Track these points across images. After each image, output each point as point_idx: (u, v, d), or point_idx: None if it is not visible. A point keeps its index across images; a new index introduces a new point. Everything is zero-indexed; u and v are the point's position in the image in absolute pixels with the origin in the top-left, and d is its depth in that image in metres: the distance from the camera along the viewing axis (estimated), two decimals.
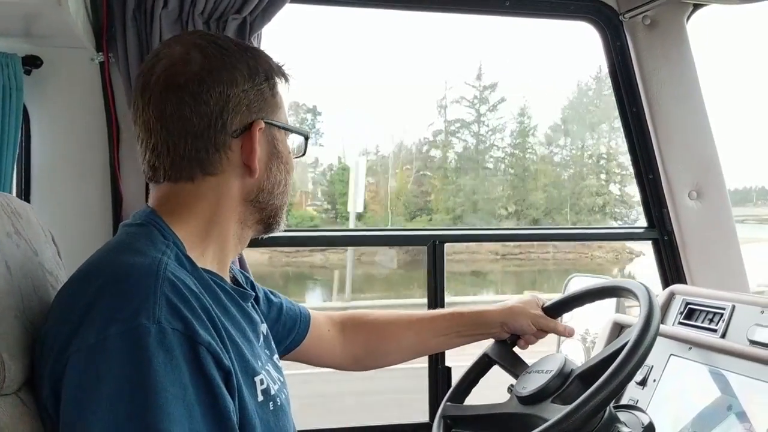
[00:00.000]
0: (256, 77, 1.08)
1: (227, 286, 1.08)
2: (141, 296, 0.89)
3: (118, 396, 0.84)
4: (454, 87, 16.08)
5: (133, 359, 0.85)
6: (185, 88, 1.03)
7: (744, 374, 1.41)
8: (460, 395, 1.48)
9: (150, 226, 1.04)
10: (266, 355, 1.15)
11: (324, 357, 1.53)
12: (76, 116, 1.94)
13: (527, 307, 1.50)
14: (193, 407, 0.87)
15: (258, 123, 1.07)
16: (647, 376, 1.60)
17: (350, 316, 1.57)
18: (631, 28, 2.23)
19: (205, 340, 0.90)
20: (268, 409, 1.04)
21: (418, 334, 1.54)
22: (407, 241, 2.52)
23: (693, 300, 1.68)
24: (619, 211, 14.52)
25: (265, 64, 1.10)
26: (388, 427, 2.20)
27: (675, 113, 2.24)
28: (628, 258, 12.80)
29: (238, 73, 1.06)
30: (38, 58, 1.88)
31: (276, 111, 1.11)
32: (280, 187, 1.14)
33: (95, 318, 0.88)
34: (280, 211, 1.16)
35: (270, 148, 1.11)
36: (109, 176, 1.93)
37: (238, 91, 1.05)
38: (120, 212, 1.92)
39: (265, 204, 1.12)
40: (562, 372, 1.24)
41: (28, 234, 1.10)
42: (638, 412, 1.30)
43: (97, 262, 0.99)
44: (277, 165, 1.12)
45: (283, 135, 1.14)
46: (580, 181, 13.40)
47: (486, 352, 1.51)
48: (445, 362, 2.17)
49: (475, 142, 16.12)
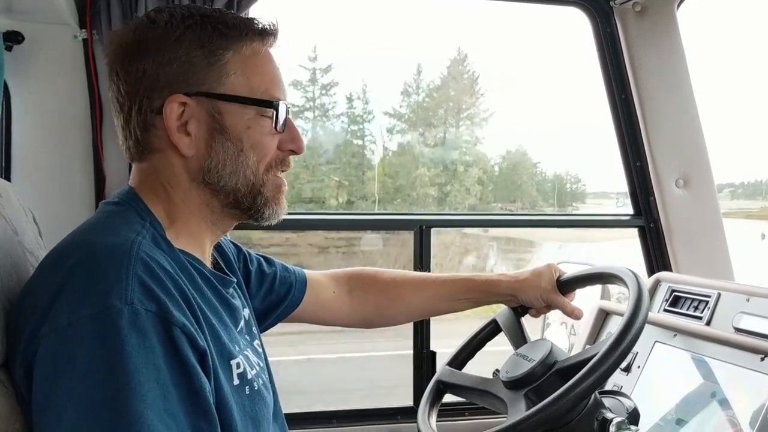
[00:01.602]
0: (180, 47, 1.00)
1: (206, 271, 1.06)
2: (113, 277, 0.86)
3: (91, 379, 0.82)
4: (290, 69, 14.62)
5: (106, 341, 0.83)
6: (119, 65, 1.02)
7: (728, 361, 1.42)
8: (461, 361, 1.51)
9: (128, 206, 1.02)
10: (246, 340, 1.13)
11: (330, 317, 1.52)
12: (59, 94, 1.91)
13: (540, 281, 1.48)
14: (168, 388, 0.85)
15: (174, 97, 1.00)
16: (632, 363, 1.61)
17: (359, 275, 1.54)
18: (622, 15, 2.22)
19: (179, 321, 0.88)
20: (244, 393, 1.02)
21: (429, 298, 1.54)
22: (394, 226, 2.51)
23: (679, 287, 1.69)
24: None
25: (209, 30, 1.02)
26: (373, 410, 2.21)
27: (664, 101, 2.24)
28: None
29: (163, 46, 1.00)
30: (20, 33, 1.84)
31: (221, 80, 1.02)
32: (228, 167, 1.03)
33: (66, 300, 0.86)
34: (243, 194, 1.06)
35: (211, 123, 1.02)
36: (91, 155, 1.90)
37: (157, 65, 1.00)
38: (102, 192, 1.89)
39: (216, 186, 1.04)
40: (545, 362, 1.25)
41: (8, 213, 1.08)
42: (623, 397, 1.30)
43: (71, 242, 0.97)
44: (221, 142, 1.03)
45: (239, 107, 1.03)
46: (414, 171, 13.05)
47: (495, 318, 1.52)
48: (430, 347, 2.18)
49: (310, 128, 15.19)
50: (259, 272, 1.38)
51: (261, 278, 1.38)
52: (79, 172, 1.91)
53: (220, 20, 1.03)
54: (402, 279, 1.55)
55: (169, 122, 1.00)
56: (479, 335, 1.53)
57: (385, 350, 6.73)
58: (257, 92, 1.04)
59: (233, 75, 1.03)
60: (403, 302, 1.54)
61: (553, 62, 14.57)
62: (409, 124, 13.25)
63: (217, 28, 1.02)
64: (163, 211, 1.04)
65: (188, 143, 1.02)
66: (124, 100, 1.02)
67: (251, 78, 1.04)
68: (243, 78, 1.03)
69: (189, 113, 1.01)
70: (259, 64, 1.05)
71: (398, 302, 1.54)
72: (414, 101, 13.17)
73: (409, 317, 1.60)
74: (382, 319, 1.57)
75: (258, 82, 1.04)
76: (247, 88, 1.04)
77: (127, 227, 0.96)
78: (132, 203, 1.02)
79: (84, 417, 0.81)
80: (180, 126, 1.01)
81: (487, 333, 1.53)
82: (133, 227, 0.96)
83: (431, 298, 1.54)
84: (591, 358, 1.16)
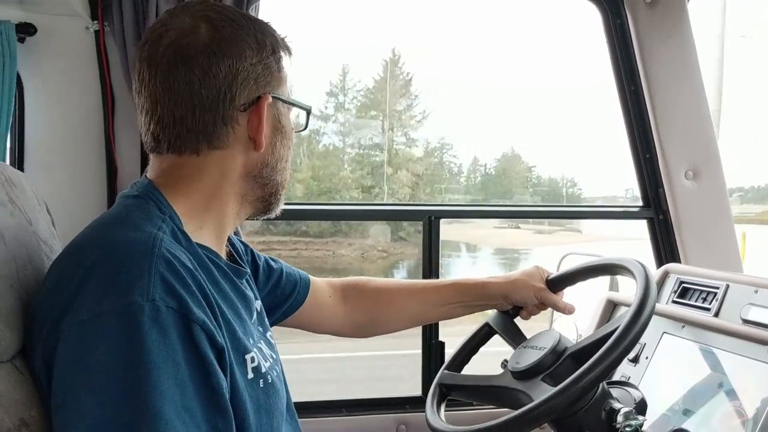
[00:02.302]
0: (263, 51, 1.06)
1: (222, 263, 1.08)
2: (135, 273, 0.87)
3: (111, 373, 0.83)
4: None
5: (126, 337, 0.84)
6: (195, 60, 1.02)
7: (736, 353, 1.42)
8: (458, 364, 1.51)
9: (147, 199, 1.02)
10: (259, 332, 1.15)
11: (325, 323, 1.54)
12: (71, 85, 1.93)
13: (530, 280, 1.51)
14: (186, 385, 0.86)
15: (266, 97, 1.06)
16: (640, 354, 1.62)
17: (352, 283, 1.57)
18: (632, 7, 2.21)
19: (199, 318, 0.89)
20: (258, 386, 1.03)
21: (420, 304, 1.56)
22: (403, 216, 2.52)
23: (687, 279, 1.69)
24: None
25: (272, 38, 1.09)
26: (382, 399, 2.22)
27: (674, 93, 2.23)
28: (379, 257, 12.19)
29: (247, 47, 1.04)
30: (32, 25, 1.85)
31: (281, 85, 1.10)
32: (283, 162, 1.14)
33: (88, 294, 0.87)
34: (280, 188, 1.15)
35: (274, 123, 1.11)
36: (103, 146, 1.92)
37: (247, 64, 1.04)
38: (114, 182, 1.91)
39: (267, 179, 1.12)
40: (556, 350, 1.26)
41: (22, 203, 1.09)
42: (630, 388, 1.31)
43: (92, 235, 0.98)
44: (281, 140, 1.12)
45: (287, 109, 1.13)
46: (338, 172, 12.77)
47: (487, 322, 1.53)
48: (439, 337, 2.19)
49: None
50: (267, 267, 1.40)
51: (269, 273, 1.40)
52: (92, 163, 1.93)
53: (269, 29, 1.11)
54: (394, 286, 1.58)
55: (261, 118, 1.06)
56: (473, 340, 1.53)
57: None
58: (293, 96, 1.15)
59: (284, 78, 1.11)
60: (396, 308, 1.56)
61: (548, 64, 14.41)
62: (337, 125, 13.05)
63: (274, 36, 1.10)
64: (190, 203, 1.05)
65: (262, 140, 1.08)
66: (203, 94, 1.02)
67: (286, 84, 1.13)
68: (286, 83, 1.12)
69: (266, 112, 1.07)
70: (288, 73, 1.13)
71: (390, 308, 1.56)
72: (341, 101, 12.97)
73: (402, 324, 1.59)
74: (376, 325, 1.58)
75: (289, 89, 1.14)
76: (288, 93, 1.13)
77: (147, 221, 0.97)
78: (151, 196, 1.03)
79: (103, 410, 0.82)
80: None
81: (481, 337, 1.53)
82: (153, 221, 0.97)
83: (423, 303, 1.56)
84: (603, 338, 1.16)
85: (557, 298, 1.52)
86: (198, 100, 1.02)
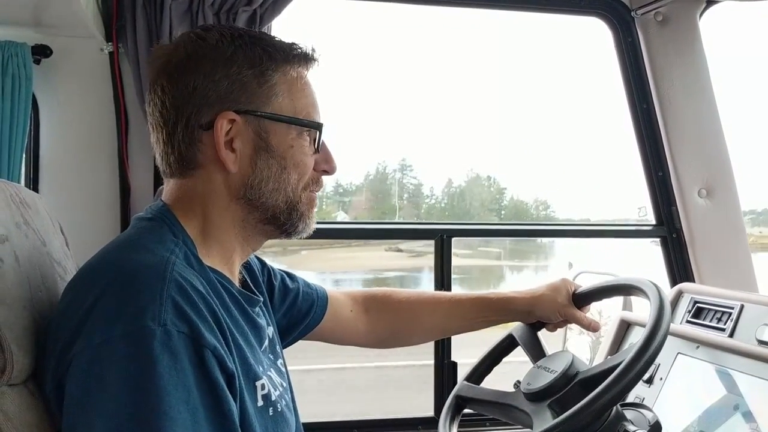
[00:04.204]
0: (233, 66, 1.02)
1: (234, 290, 1.07)
2: (147, 297, 0.87)
3: (122, 398, 0.82)
4: None
5: (138, 361, 0.83)
6: (165, 79, 1.03)
7: (751, 374, 1.41)
8: (479, 375, 1.50)
9: (161, 222, 1.03)
10: (269, 360, 1.14)
11: (346, 336, 1.52)
12: (85, 106, 1.95)
13: (556, 296, 1.47)
14: (197, 410, 0.85)
15: (225, 114, 1.02)
16: (654, 374, 1.60)
17: (374, 295, 1.55)
18: (643, 25, 2.22)
19: (210, 344, 0.89)
20: (268, 414, 1.03)
21: (443, 318, 1.54)
22: (416, 235, 2.51)
23: (701, 299, 1.68)
24: None
25: (258, 51, 1.04)
26: (394, 420, 2.21)
27: (686, 111, 2.22)
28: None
29: (214, 63, 1.02)
30: (48, 47, 1.88)
31: (265, 99, 1.04)
32: (271, 184, 1.06)
33: (100, 317, 0.86)
34: (281, 210, 1.08)
35: (256, 141, 1.04)
36: (117, 167, 1.93)
37: (207, 81, 1.02)
38: (128, 203, 1.92)
39: (256, 202, 1.06)
40: (567, 374, 1.25)
41: (36, 224, 1.10)
42: (645, 410, 1.30)
43: (106, 257, 0.98)
44: (265, 159, 1.05)
45: (285, 127, 1.06)
46: None
47: (511, 333, 1.52)
48: (451, 357, 2.18)
49: None
50: (282, 287, 1.38)
51: (284, 293, 1.38)
52: (106, 184, 1.95)
53: (268, 42, 1.06)
54: (417, 299, 1.55)
55: (218, 138, 1.02)
56: (496, 350, 1.53)
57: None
58: (301, 114, 1.07)
59: (281, 96, 1.05)
60: (419, 322, 1.54)
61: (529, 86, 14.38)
62: None
63: (267, 50, 1.05)
64: (197, 228, 1.05)
65: (233, 159, 1.04)
66: (170, 115, 1.03)
67: (296, 100, 1.07)
68: (288, 100, 1.06)
69: (236, 130, 1.03)
70: (302, 88, 1.08)
71: (414, 322, 1.54)
72: None
73: (424, 337, 1.59)
74: (398, 339, 1.57)
75: (302, 105, 1.07)
76: (292, 110, 1.06)
77: (161, 245, 0.97)
78: (166, 219, 1.03)
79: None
80: (227, 142, 1.03)
81: (503, 347, 1.53)
82: (166, 245, 0.97)
83: (447, 317, 1.54)
84: (613, 368, 1.15)
85: (581, 315, 1.48)
86: (164, 121, 1.04)
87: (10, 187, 1.09)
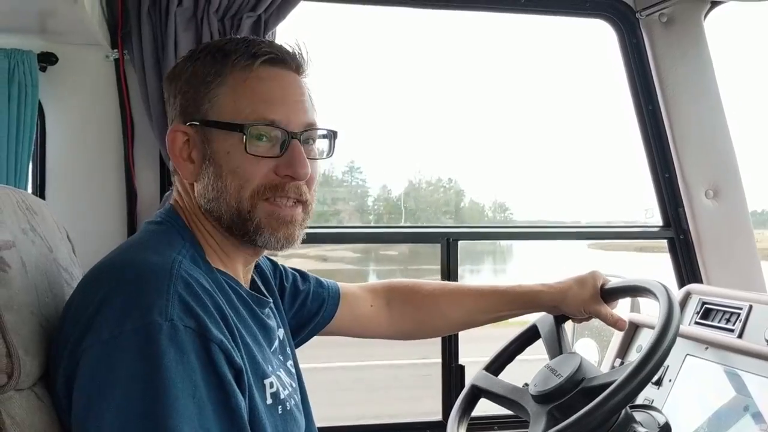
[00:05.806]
0: (189, 80, 1.06)
1: (242, 291, 1.09)
2: (154, 294, 0.89)
3: (130, 392, 0.84)
4: None
5: (145, 356, 0.85)
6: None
7: (761, 374, 1.40)
8: (498, 366, 1.50)
9: (169, 225, 1.06)
10: (279, 360, 1.15)
11: (368, 331, 1.51)
12: (91, 113, 1.95)
13: (583, 291, 1.44)
14: (204, 404, 0.87)
15: (174, 127, 1.07)
16: (663, 376, 1.60)
17: (396, 288, 1.53)
18: (648, 26, 2.21)
19: (217, 338, 0.90)
20: (277, 412, 1.04)
21: (468, 311, 1.53)
22: (421, 239, 2.51)
23: (710, 300, 1.67)
24: None
25: (209, 59, 1.05)
26: (402, 425, 2.21)
27: (692, 112, 2.22)
28: None
29: (175, 84, 1.08)
30: (53, 54, 1.89)
31: (211, 107, 1.03)
32: (211, 192, 1.03)
33: (109, 314, 0.88)
34: (233, 221, 1.04)
35: (204, 150, 1.04)
36: (123, 173, 1.94)
37: (173, 98, 1.08)
38: (135, 209, 1.93)
39: (212, 212, 1.05)
40: (572, 379, 1.25)
41: (43, 231, 1.10)
42: (654, 411, 1.29)
43: (115, 258, 1.00)
44: (206, 167, 1.04)
45: (223, 133, 1.02)
46: None
47: (535, 324, 1.51)
48: (458, 360, 2.17)
49: None
50: (293, 288, 1.39)
51: (295, 294, 1.39)
52: (112, 190, 1.95)
53: (221, 48, 1.06)
54: (441, 291, 1.54)
55: (172, 150, 1.06)
56: (518, 341, 1.52)
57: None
58: (241, 114, 1.02)
59: (222, 99, 1.04)
60: (443, 315, 1.53)
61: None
62: None
63: (215, 56, 1.05)
64: (198, 231, 1.07)
65: (191, 170, 1.06)
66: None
67: (239, 101, 1.03)
68: (231, 101, 1.03)
69: (192, 141, 1.06)
70: (250, 86, 1.04)
71: (438, 315, 1.53)
72: None
73: (449, 330, 1.61)
74: (422, 332, 1.56)
75: (245, 104, 1.03)
76: (233, 112, 1.03)
77: (168, 246, 0.99)
78: (173, 223, 1.06)
79: (122, 427, 0.83)
80: (188, 154, 1.06)
81: (525, 339, 1.52)
82: (174, 246, 0.99)
83: (471, 311, 1.52)
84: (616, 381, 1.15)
85: (607, 312, 1.45)
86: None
87: (16, 193, 1.09)
